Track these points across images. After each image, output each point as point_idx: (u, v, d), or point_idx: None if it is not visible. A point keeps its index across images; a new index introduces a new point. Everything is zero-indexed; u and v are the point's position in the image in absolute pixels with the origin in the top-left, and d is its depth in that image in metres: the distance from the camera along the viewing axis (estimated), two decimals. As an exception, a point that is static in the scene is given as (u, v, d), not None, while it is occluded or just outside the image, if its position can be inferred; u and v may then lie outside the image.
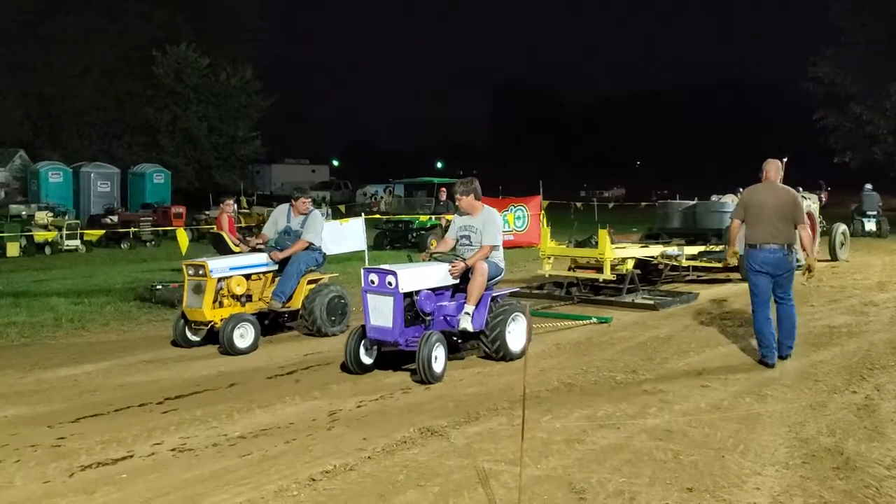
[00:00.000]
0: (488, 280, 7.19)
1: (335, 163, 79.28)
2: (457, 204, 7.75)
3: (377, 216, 21.22)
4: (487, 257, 7.24)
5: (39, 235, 19.28)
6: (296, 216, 9.06)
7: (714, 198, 15.48)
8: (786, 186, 7.72)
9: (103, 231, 16.73)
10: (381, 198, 43.48)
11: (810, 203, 15.62)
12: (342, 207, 34.16)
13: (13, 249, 19.46)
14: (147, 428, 5.52)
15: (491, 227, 7.37)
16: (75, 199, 32.15)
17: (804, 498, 4.12)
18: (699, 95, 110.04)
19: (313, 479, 4.46)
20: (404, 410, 5.84)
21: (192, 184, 38.75)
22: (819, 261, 15.76)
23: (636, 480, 4.38)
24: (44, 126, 38.76)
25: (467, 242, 7.48)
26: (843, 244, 17.01)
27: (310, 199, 9.33)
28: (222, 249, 11.62)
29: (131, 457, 4.94)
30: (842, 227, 17.24)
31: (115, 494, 4.33)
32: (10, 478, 4.62)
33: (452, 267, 7.15)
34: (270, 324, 8.88)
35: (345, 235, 15.93)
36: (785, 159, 17.39)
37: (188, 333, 8.25)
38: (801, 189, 16.26)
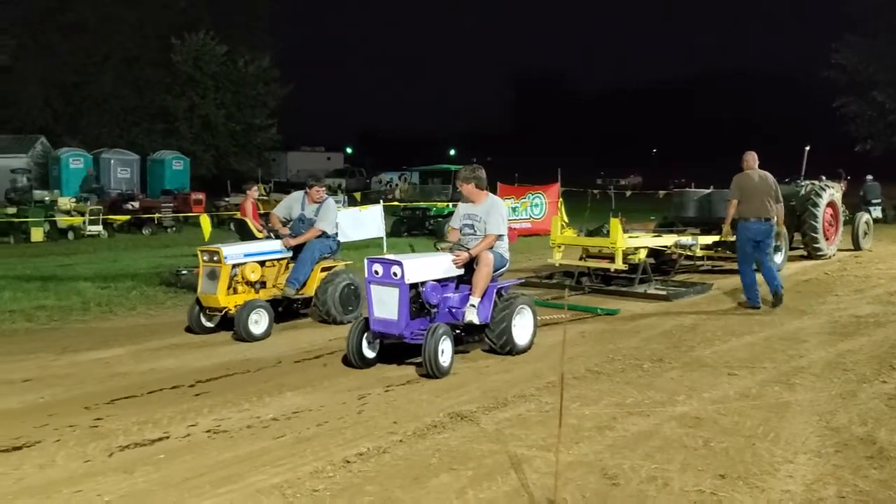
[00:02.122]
0: (493, 271, 6.96)
1: (348, 150, 79.36)
2: (459, 190, 7.57)
3: (396, 203, 21.26)
4: (492, 247, 7.02)
5: (65, 220, 19.46)
6: (310, 204, 9.05)
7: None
8: (766, 172, 9.78)
9: (128, 217, 16.81)
10: (397, 185, 43.47)
11: (833, 192, 15.51)
12: (357, 195, 34.24)
13: (37, 234, 19.70)
14: (181, 410, 5.60)
15: (495, 215, 7.13)
16: (85, 184, 32.42)
17: (838, 487, 4.13)
18: (717, 83, 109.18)
19: (348, 461, 4.52)
20: (432, 395, 5.89)
21: (211, 170, 39.00)
22: (841, 250, 15.74)
23: (668, 467, 4.41)
24: (64, 113, 39.07)
25: (471, 231, 7.25)
26: (866, 233, 16.91)
27: (324, 188, 9.31)
28: (246, 235, 11.68)
29: (167, 438, 5.02)
30: (865, 217, 17.14)
31: (154, 474, 4.40)
32: (51, 457, 4.71)
33: (456, 257, 6.91)
34: (284, 311, 8.87)
35: (363, 222, 16.04)
36: (807, 148, 17.35)
37: (203, 319, 8.28)
38: (823, 178, 16.18)
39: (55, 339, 8.20)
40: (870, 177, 24.88)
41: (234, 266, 8.23)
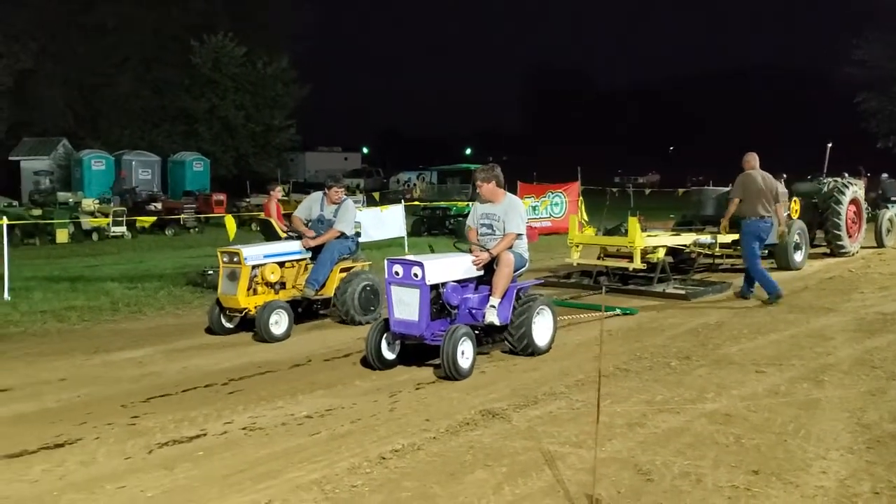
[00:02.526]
0: (513, 272, 6.91)
1: (365, 150, 79.51)
2: (478, 191, 7.51)
3: (416, 202, 21.39)
4: (511, 247, 6.99)
5: (93, 222, 19.71)
6: (329, 205, 9.06)
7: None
8: (767, 173, 10.07)
9: (154, 218, 17.03)
10: (415, 185, 43.62)
11: (856, 189, 15.43)
12: (376, 195, 34.39)
13: (62, 236, 19.98)
14: (216, 408, 5.70)
15: (514, 214, 7.09)
16: (117, 186, 32.79)
17: (872, 482, 4.15)
18: (735, 79, 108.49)
19: (383, 458, 4.59)
20: (463, 393, 5.95)
21: (231, 171, 39.29)
22: (864, 247, 15.65)
23: (700, 463, 4.44)
24: (85, 115, 39.48)
25: (489, 231, 7.22)
26: (889, 231, 16.81)
27: (343, 189, 9.30)
28: (271, 235, 11.79)
29: (205, 435, 5.12)
30: (888, 213, 17.04)
31: (193, 471, 4.49)
32: (92, 454, 4.82)
33: (476, 257, 6.89)
34: (303, 311, 8.88)
35: (385, 222, 16.21)
36: (829, 145, 17.27)
37: (223, 320, 8.32)
38: (846, 175, 16.10)
39: (87, 339, 8.35)
40: (885, 175, 24.75)
41: (253, 267, 8.28)
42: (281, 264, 8.59)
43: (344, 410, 5.58)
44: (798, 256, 13.12)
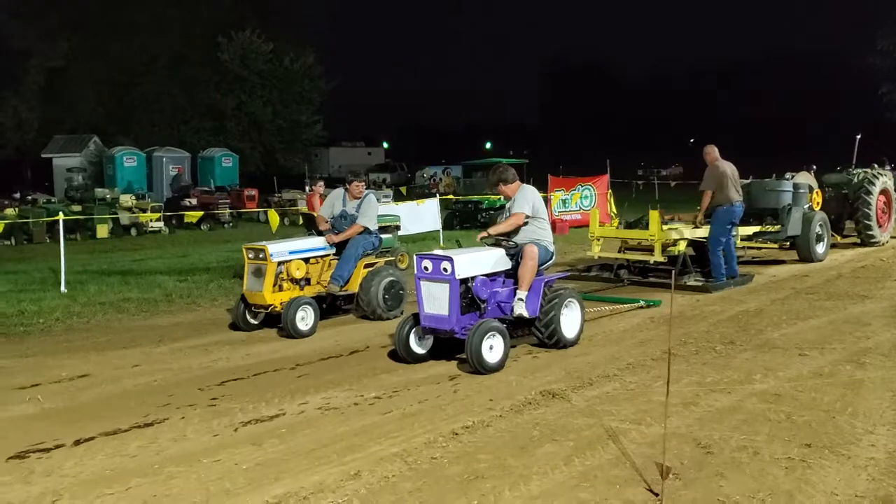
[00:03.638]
0: (539, 265, 7.01)
1: (385, 145, 79.79)
2: (500, 195, 7.59)
3: (450, 196, 21.72)
4: (520, 225, 7.12)
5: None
6: (351, 200, 9.09)
7: (787, 175, 15.48)
8: (729, 162, 10.83)
9: (202, 212, 17.48)
10: (440, 179, 43.97)
11: (886, 180, 15.54)
12: (403, 189, 34.75)
13: (102, 231, 20.51)
14: (289, 390, 6.05)
15: (520, 198, 7.23)
16: (148, 182, 33.45)
17: (919, 454, 4.42)
18: (755, 70, 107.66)
19: (455, 434, 4.91)
20: (520, 376, 6.27)
21: (258, 167, 39.82)
22: (893, 237, 15.79)
23: (756, 437, 4.73)
24: (116, 112, 40.15)
25: None
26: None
27: (363, 183, 9.34)
28: (315, 229, 12.14)
29: (284, 414, 5.47)
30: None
31: (281, 446, 4.84)
32: (181, 431, 5.18)
33: (485, 237, 7.12)
34: (327, 307, 8.86)
35: (421, 216, 16.57)
36: (858, 137, 17.38)
37: (248, 317, 8.39)
38: (875, 165, 16.20)
39: (150, 330, 8.75)
40: None
41: (279, 263, 8.32)
42: (306, 260, 8.63)
43: (409, 392, 5.92)
44: (820, 248, 13.17)
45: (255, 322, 8.43)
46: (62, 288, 11.22)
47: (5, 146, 39.59)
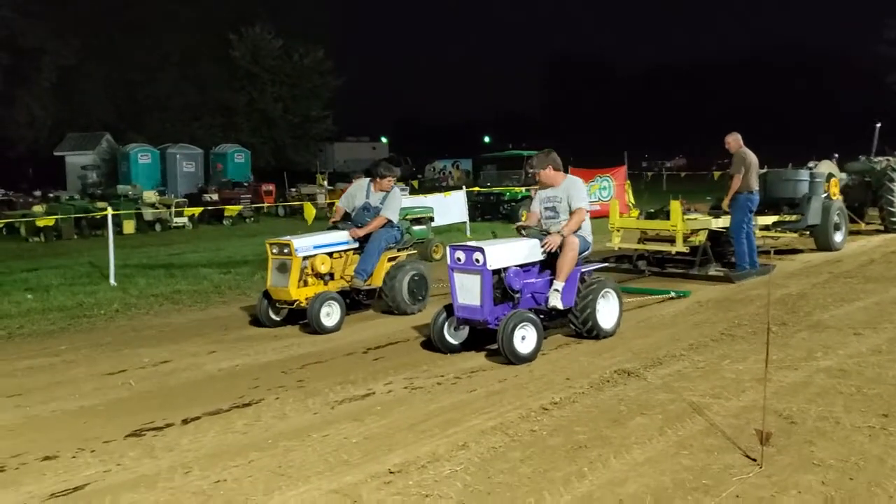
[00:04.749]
0: (578, 255, 6.96)
1: (384, 139, 79.78)
2: (536, 179, 7.60)
3: (475, 189, 21.97)
4: (580, 227, 7.08)
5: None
6: (375, 192, 8.93)
7: (811, 164, 15.73)
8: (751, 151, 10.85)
9: (241, 207, 17.75)
10: (450, 172, 44.31)
11: (910, 169, 15.80)
12: (415, 183, 35.02)
13: (129, 227, 20.77)
14: (370, 371, 6.33)
15: (576, 191, 7.17)
16: (162, 179, 33.69)
17: None
18: (759, 61, 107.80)
19: (545, 409, 5.18)
20: (589, 357, 6.53)
21: (270, 163, 40.07)
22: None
23: (832, 409, 5.00)
24: (128, 110, 40.40)
25: (552, 214, 7.28)
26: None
27: (395, 178, 9.21)
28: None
29: (373, 394, 5.73)
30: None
31: (381, 421, 5.10)
32: (281, 410, 5.44)
33: (545, 243, 6.89)
34: (351, 302, 8.72)
35: (450, 208, 16.85)
36: (878, 125, 17.63)
37: (271, 313, 8.32)
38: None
39: (211, 319, 9.01)
40: None
41: (304, 258, 8.23)
42: (330, 255, 8.55)
43: (487, 372, 6.18)
44: (838, 237, 13.24)
45: (278, 318, 8.39)
46: (111, 281, 11.49)
47: (18, 144, 39.84)
